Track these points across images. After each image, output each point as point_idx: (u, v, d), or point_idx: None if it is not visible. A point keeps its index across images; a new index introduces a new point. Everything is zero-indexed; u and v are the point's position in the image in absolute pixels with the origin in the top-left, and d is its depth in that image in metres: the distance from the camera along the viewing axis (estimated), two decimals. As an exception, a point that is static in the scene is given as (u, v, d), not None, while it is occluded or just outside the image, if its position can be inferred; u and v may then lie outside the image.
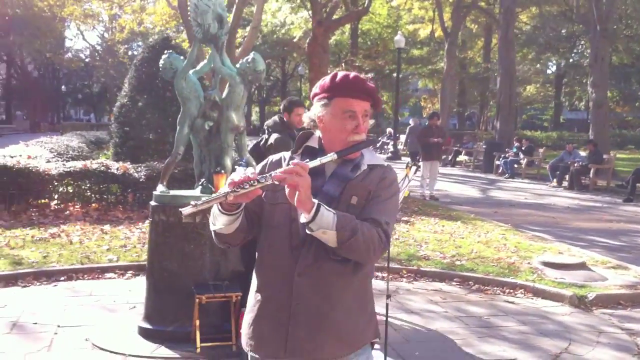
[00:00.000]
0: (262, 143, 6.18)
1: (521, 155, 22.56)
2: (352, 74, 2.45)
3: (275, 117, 6.26)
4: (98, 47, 65.01)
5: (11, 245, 8.22)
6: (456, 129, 47.37)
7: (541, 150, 23.72)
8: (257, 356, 2.44)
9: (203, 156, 5.73)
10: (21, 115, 67.30)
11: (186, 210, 2.20)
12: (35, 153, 12.63)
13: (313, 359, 2.36)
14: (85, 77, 71.49)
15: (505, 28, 26.34)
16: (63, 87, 71.15)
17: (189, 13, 6.03)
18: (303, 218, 2.21)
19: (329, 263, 2.33)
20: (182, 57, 5.82)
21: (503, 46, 26.78)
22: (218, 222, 2.36)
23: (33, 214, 10.32)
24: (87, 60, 66.86)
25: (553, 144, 33.53)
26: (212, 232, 2.43)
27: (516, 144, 23.25)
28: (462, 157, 27.64)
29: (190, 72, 5.67)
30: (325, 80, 2.46)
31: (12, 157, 11.31)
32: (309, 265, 2.33)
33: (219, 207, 2.32)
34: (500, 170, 22.83)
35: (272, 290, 2.40)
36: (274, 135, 6.02)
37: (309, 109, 2.55)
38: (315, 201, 2.20)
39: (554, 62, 47.14)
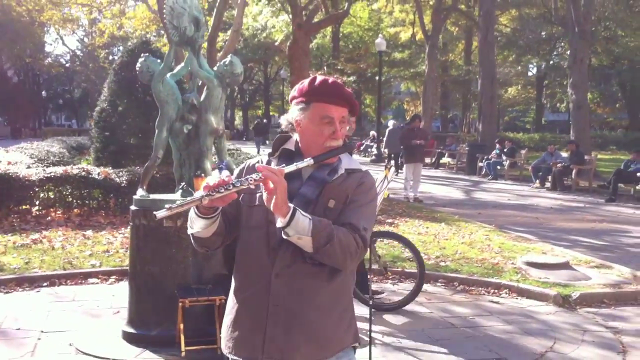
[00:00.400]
0: None
1: (504, 157, 22.69)
2: (331, 79, 2.45)
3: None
4: (78, 52, 64.67)
5: (-8, 252, 8.13)
6: (439, 131, 47.58)
7: (523, 151, 23.87)
8: (236, 358, 2.42)
9: (183, 160, 5.70)
10: (2, 121, 66.65)
11: (160, 214, 2.18)
12: (15, 159, 12.53)
13: (290, 359, 2.35)
14: (66, 82, 71.06)
15: (485, 31, 26.51)
16: (44, 92, 70.62)
17: (164, 16, 6.00)
18: (279, 222, 2.20)
19: (306, 265, 2.32)
20: (159, 61, 5.78)
21: (483, 49, 26.95)
22: (195, 225, 2.35)
23: (14, 220, 10.21)
24: (67, 65, 66.45)
25: (535, 146, 33.75)
26: (190, 236, 2.42)
27: (498, 146, 23.38)
28: (445, 159, 27.77)
29: (168, 75, 5.62)
30: (304, 83, 2.46)
31: (-9, 163, 11.19)
32: (286, 267, 2.32)
33: (196, 210, 2.30)
34: (483, 172, 22.95)
35: (249, 292, 2.39)
36: None
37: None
38: (291, 206, 2.19)
39: (535, 64, 47.54)
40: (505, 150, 22.93)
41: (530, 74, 52.29)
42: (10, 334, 5.57)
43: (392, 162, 22.59)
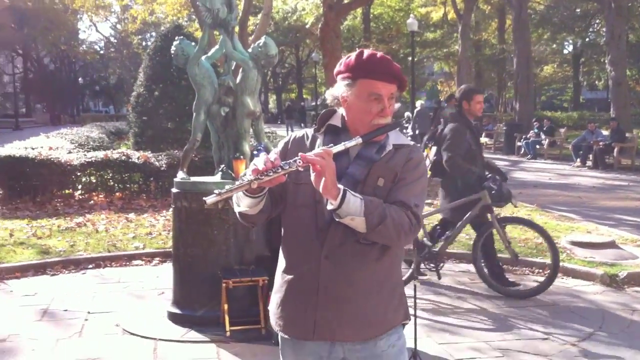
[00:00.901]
0: (437, 133, 6.29)
1: (542, 136, 22.34)
2: (379, 54, 2.35)
3: (451, 109, 6.33)
4: (112, 39, 65.30)
5: (38, 235, 8.29)
6: (474, 111, 46.96)
7: (562, 130, 23.47)
8: (286, 336, 2.41)
9: (221, 142, 5.71)
10: (41, 108, 67.85)
11: (210, 199, 2.15)
12: (56, 144, 12.71)
13: (341, 340, 2.33)
14: (102, 69, 71.85)
15: (519, 9, 25.99)
16: (80, 79, 71.57)
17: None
18: (330, 205, 2.16)
19: (355, 245, 2.28)
20: (193, 44, 5.77)
21: (517, 27, 26.44)
22: (242, 204, 2.32)
23: (58, 204, 10.41)
24: (102, 52, 67.16)
25: (574, 124, 33.15)
26: (237, 213, 2.39)
27: (537, 125, 23.01)
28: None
29: (203, 58, 5.61)
30: (351, 58, 2.36)
31: (33, 148, 11.39)
32: (335, 248, 2.28)
33: (244, 190, 2.26)
34: (522, 152, 22.64)
35: (299, 272, 2.35)
36: (450, 125, 6.09)
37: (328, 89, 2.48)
38: (341, 187, 2.14)
39: (570, 41, 46.53)
40: (544, 129, 22.58)
41: (566, 51, 51.24)
42: (58, 315, 5.68)
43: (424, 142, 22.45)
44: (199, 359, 4.71)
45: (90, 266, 7.26)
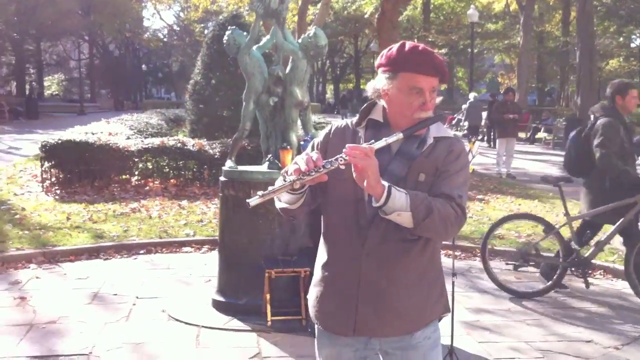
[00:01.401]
0: (586, 129, 6.09)
1: (603, 132, 21.67)
2: (421, 46, 2.33)
3: (603, 102, 6.19)
4: (175, 27, 66.38)
5: (94, 219, 8.58)
6: (536, 105, 45.97)
7: (624, 126, 22.72)
8: (325, 331, 2.45)
9: (269, 132, 5.78)
10: (105, 93, 69.66)
11: (253, 201, 2.18)
12: (116, 130, 13.06)
13: (380, 336, 2.37)
14: (165, 56, 73.22)
15: (583, 1, 25.25)
16: (144, 66, 73.13)
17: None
18: (374, 202, 2.16)
19: (396, 243, 2.30)
20: (245, 33, 5.84)
21: (581, 19, 25.70)
22: (283, 199, 2.34)
23: (115, 189, 10.72)
24: (165, 39, 68.38)
25: (638, 121, 32.05)
26: (278, 208, 2.42)
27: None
28: (541, 134, 26.81)
29: (254, 47, 5.69)
30: (392, 50, 2.34)
31: (93, 134, 11.75)
32: (377, 245, 2.30)
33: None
34: (581, 148, 22.00)
35: (339, 268, 2.38)
36: (602, 120, 5.91)
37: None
38: (386, 184, 2.14)
39: (638, 35, 44.93)
40: (605, 125, 21.89)
41: (633, 45, 49.49)
42: (108, 299, 5.88)
43: (476, 135, 22.44)
44: (239, 347, 4.80)
45: (142, 252, 7.48)
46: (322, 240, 2.49)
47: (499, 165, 14.95)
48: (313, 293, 2.49)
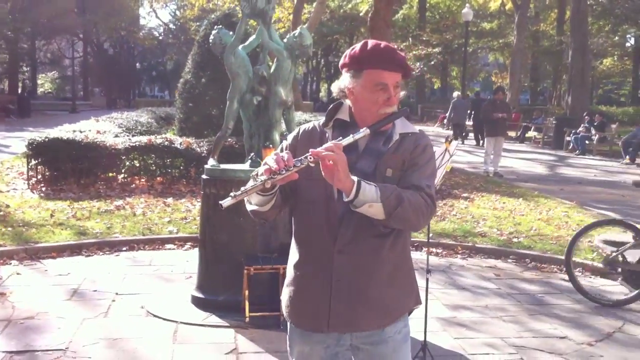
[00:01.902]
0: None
1: (593, 131, 21.80)
2: (383, 44, 2.38)
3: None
4: (171, 25, 66.28)
5: (78, 217, 8.58)
6: (528, 104, 46.06)
7: (614, 125, 22.84)
8: (297, 328, 2.49)
9: (252, 131, 5.81)
10: (99, 92, 69.51)
11: (226, 202, 2.20)
12: (105, 128, 13.06)
13: (354, 330, 2.41)
14: (159, 55, 73.10)
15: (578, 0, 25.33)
16: (138, 64, 72.99)
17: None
18: (345, 197, 2.21)
19: (368, 239, 2.34)
20: (231, 33, 5.87)
21: (575, 18, 25.80)
22: (253, 201, 2.37)
23: (101, 187, 10.73)
24: (160, 38, 68.27)
25: (629, 120, 32.16)
26: (249, 211, 2.44)
27: (587, 119, 22.46)
28: (531, 133, 26.89)
29: (239, 47, 5.72)
30: (355, 49, 2.40)
31: (81, 132, 11.75)
32: (348, 242, 2.34)
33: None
34: (570, 147, 22.14)
35: (311, 267, 2.42)
36: None
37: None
38: (355, 178, 2.19)
39: (632, 34, 45.00)
40: (594, 124, 22.02)
41: (627, 44, 49.61)
42: (87, 295, 5.89)
43: (460, 134, 23.07)
44: (216, 343, 4.83)
45: (125, 248, 7.49)
46: (293, 240, 2.52)
47: (487, 163, 15.00)
48: (286, 292, 2.52)
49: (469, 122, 25.48)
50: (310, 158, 2.18)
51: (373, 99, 2.35)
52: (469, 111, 25.44)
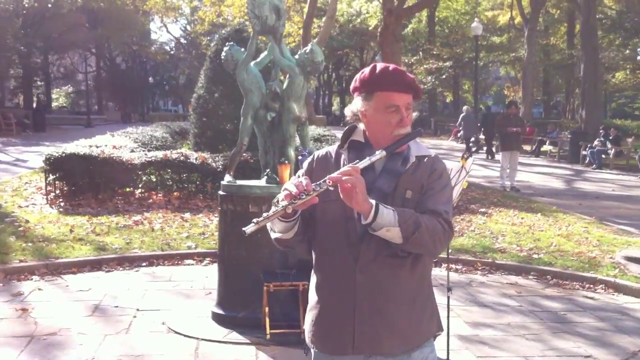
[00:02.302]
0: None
1: (609, 145, 21.68)
2: (392, 66, 2.41)
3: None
4: (182, 40, 66.74)
5: (97, 232, 8.61)
6: (541, 117, 45.91)
7: (630, 139, 22.70)
8: (322, 353, 2.46)
9: (267, 147, 5.82)
10: (113, 106, 69.94)
11: (249, 229, 2.21)
12: (120, 143, 13.12)
13: (378, 353, 2.38)
14: (171, 69, 73.54)
15: (587, 13, 25.28)
16: (150, 78, 73.42)
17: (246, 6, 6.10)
18: (363, 220, 2.21)
19: (388, 259, 2.33)
20: (243, 49, 5.89)
21: (585, 32, 25.73)
22: (276, 229, 2.37)
23: (118, 202, 10.76)
24: (172, 52, 68.73)
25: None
26: (273, 239, 2.43)
27: (602, 133, 22.34)
28: (546, 147, 26.75)
29: (252, 63, 5.75)
30: (365, 73, 2.43)
31: (97, 147, 11.81)
32: (369, 262, 2.33)
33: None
34: (587, 161, 22.00)
35: (333, 288, 2.41)
36: None
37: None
38: (373, 201, 2.19)
39: (644, 47, 44.84)
40: (610, 137, 21.91)
41: (639, 57, 49.43)
42: (109, 311, 5.90)
43: (469, 146, 23.40)
44: (238, 360, 4.83)
45: (144, 264, 7.51)
46: (314, 264, 2.52)
47: (503, 178, 14.92)
48: (309, 317, 2.51)
49: (481, 136, 25.54)
50: (329, 181, 2.19)
51: (386, 121, 2.38)
52: (479, 125, 25.55)
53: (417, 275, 2.41)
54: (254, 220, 2.21)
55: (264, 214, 2.23)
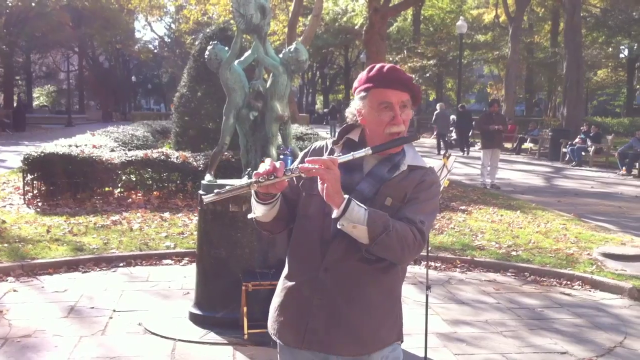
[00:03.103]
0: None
1: (589, 143, 21.85)
2: (388, 65, 2.42)
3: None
4: (166, 38, 66.41)
5: (74, 232, 8.53)
6: (524, 115, 46.21)
7: (610, 137, 22.89)
8: (279, 341, 2.49)
9: (249, 146, 5.79)
10: (94, 105, 69.45)
11: (208, 198, 2.23)
12: (101, 142, 13.01)
13: (329, 353, 2.38)
14: (155, 68, 73.25)
15: (572, 11, 25.47)
16: (133, 77, 73.06)
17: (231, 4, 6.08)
18: (334, 213, 2.21)
19: (356, 261, 2.32)
20: (226, 48, 5.86)
21: (569, 30, 25.93)
22: (256, 211, 2.39)
23: (97, 202, 10.66)
24: (155, 51, 68.39)
25: (625, 131, 32.27)
26: (253, 220, 2.46)
27: (584, 129, 22.51)
28: (527, 145, 26.91)
29: (235, 62, 5.72)
30: (363, 73, 2.45)
31: (77, 146, 11.70)
32: (336, 261, 2.33)
33: (255, 197, 2.34)
34: (567, 158, 22.17)
35: (298, 281, 2.42)
36: None
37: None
38: (346, 196, 2.19)
39: (626, 45, 45.28)
40: (591, 135, 22.08)
41: (621, 55, 49.91)
42: (84, 312, 5.84)
43: (444, 142, 24.57)
44: (214, 361, 4.80)
45: (122, 264, 7.43)
46: (287, 253, 2.53)
47: (484, 175, 15.00)
48: (273, 304, 2.53)
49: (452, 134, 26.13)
50: (299, 169, 2.19)
51: (379, 118, 2.37)
52: (453, 122, 26.42)
53: (386, 285, 2.40)
54: (216, 190, 2.23)
55: (227, 187, 2.24)
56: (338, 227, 2.22)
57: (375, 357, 2.40)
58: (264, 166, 2.22)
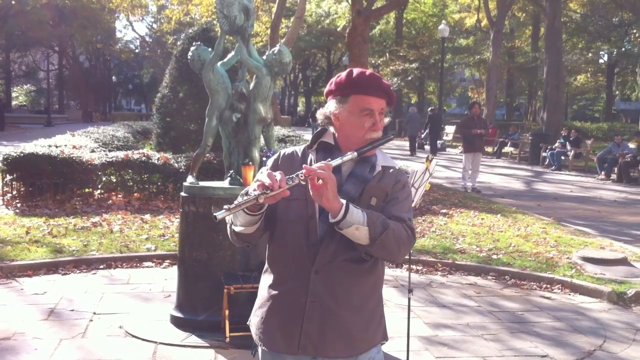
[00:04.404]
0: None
1: (568, 147, 22.06)
2: (368, 71, 2.44)
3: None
4: (147, 38, 66.04)
5: (53, 234, 8.44)
6: (504, 119, 46.55)
7: (589, 141, 23.13)
8: (267, 350, 2.45)
9: (232, 148, 5.78)
10: (74, 105, 68.85)
11: (220, 215, 2.19)
12: (81, 143, 12.89)
13: (322, 356, 2.38)
14: (136, 68, 72.77)
15: (552, 17, 25.72)
16: (114, 77, 72.55)
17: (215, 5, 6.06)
18: (331, 218, 2.22)
19: (346, 263, 2.35)
20: (210, 49, 5.84)
21: (550, 35, 26.16)
22: (240, 221, 2.34)
23: (77, 203, 10.56)
24: (137, 50, 67.98)
25: (604, 135, 32.64)
26: (231, 233, 2.42)
27: (564, 134, 22.73)
28: (507, 149, 27.12)
29: (218, 64, 5.70)
30: (341, 76, 2.45)
31: (57, 147, 11.59)
32: (326, 263, 2.34)
33: (245, 209, 2.29)
34: (546, 162, 22.36)
35: (287, 287, 2.40)
36: None
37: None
38: (344, 200, 2.21)
39: (606, 51, 45.77)
40: (570, 139, 22.30)
41: (601, 61, 50.44)
42: (64, 315, 5.78)
43: (414, 144, 26.23)
44: (196, 364, 4.78)
45: (102, 266, 7.38)
46: (268, 261, 2.50)
47: (465, 179, 15.08)
48: (257, 315, 2.49)
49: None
50: (302, 176, 2.18)
51: (359, 124, 2.40)
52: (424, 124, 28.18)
53: (371, 282, 2.43)
54: (226, 206, 2.19)
55: (235, 202, 2.21)
56: (337, 230, 2.24)
57: (362, 358, 2.42)
58: (265, 177, 2.19)
